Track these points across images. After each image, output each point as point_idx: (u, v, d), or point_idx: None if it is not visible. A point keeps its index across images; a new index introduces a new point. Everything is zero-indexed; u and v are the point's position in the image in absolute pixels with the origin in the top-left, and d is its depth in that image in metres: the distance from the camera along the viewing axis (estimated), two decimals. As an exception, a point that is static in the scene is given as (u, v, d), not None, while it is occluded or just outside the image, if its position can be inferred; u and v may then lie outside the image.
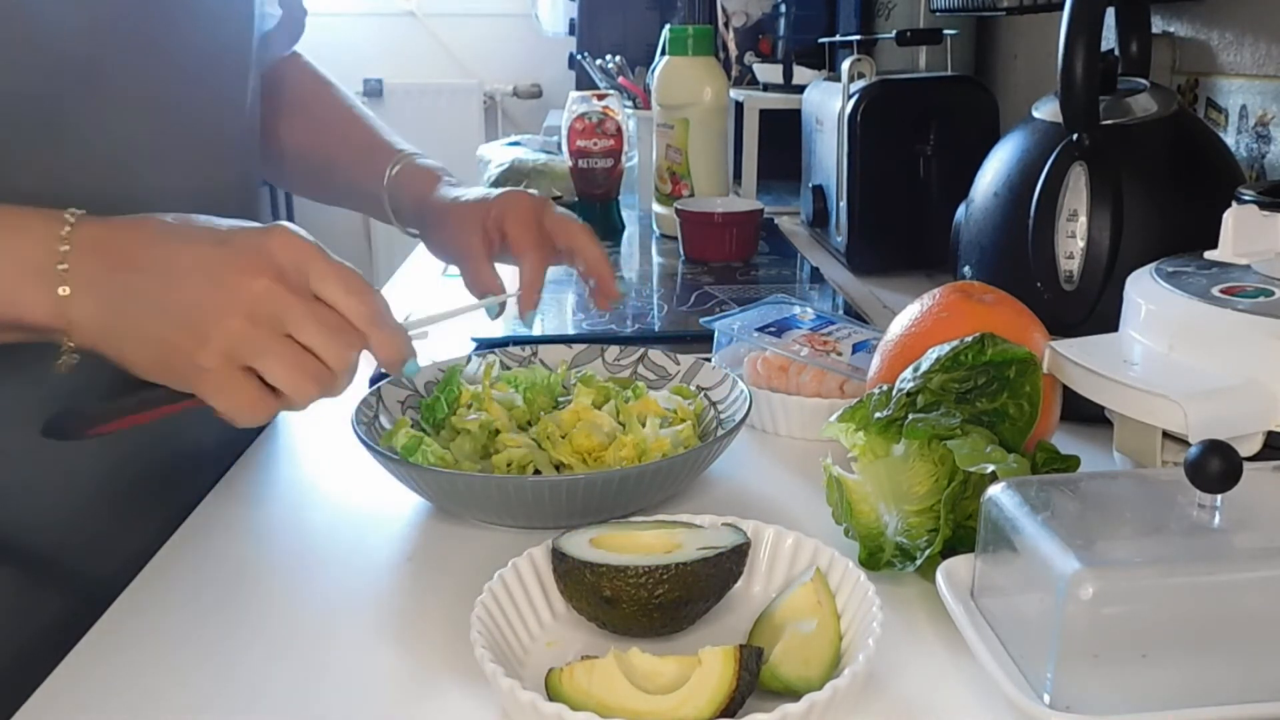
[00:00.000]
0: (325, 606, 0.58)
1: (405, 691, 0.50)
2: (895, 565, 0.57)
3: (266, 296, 0.53)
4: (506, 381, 0.76)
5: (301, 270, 0.54)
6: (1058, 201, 0.74)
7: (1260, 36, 0.92)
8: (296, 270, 0.54)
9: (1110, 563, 0.46)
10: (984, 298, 0.67)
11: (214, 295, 0.53)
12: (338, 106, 0.93)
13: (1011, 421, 0.59)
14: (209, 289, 0.53)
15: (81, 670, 0.52)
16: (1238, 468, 0.46)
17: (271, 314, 0.53)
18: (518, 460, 0.67)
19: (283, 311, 0.53)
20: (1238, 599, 0.45)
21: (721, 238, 1.31)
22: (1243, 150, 0.94)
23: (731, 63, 1.82)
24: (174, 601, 0.58)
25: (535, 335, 1.01)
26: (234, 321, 0.52)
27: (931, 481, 0.57)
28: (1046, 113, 0.81)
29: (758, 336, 0.81)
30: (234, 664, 0.53)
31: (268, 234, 0.55)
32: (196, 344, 0.52)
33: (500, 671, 0.45)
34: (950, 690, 0.49)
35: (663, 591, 0.50)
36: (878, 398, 0.60)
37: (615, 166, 1.48)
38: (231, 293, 0.53)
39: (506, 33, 3.60)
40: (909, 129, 1.19)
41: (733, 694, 0.44)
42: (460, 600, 0.54)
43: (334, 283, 0.55)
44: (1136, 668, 0.44)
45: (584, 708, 0.43)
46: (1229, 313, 0.58)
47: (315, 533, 0.67)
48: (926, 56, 1.38)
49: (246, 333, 0.53)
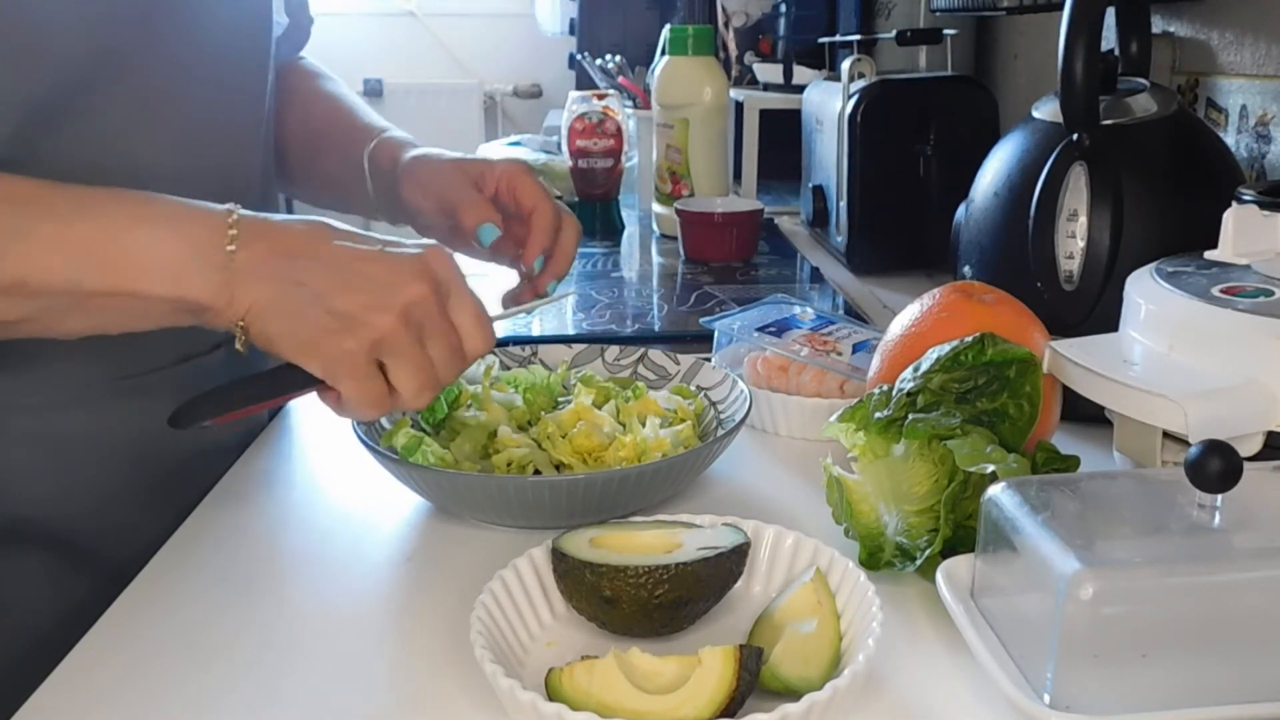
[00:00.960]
0: (325, 606, 0.58)
1: (405, 691, 0.50)
2: (895, 565, 0.57)
3: (421, 304, 0.57)
4: (506, 381, 0.76)
5: (445, 288, 0.59)
6: (1058, 201, 0.74)
7: (1260, 36, 0.92)
8: (443, 287, 0.59)
9: (1110, 563, 0.46)
10: (984, 298, 0.67)
11: (380, 292, 0.56)
12: (321, 96, 0.93)
13: (1011, 421, 0.59)
14: (375, 284, 0.57)
15: (83, 668, 0.52)
16: (1238, 468, 0.46)
17: (420, 321, 0.57)
18: (518, 460, 0.67)
19: (428, 321, 0.58)
20: (1238, 599, 0.45)
21: (721, 238, 1.31)
22: (1243, 150, 0.94)
23: (731, 63, 1.82)
24: (174, 602, 0.58)
25: (535, 335, 1.01)
26: (389, 318, 0.56)
27: (931, 481, 0.57)
28: (1046, 113, 0.81)
29: (758, 336, 0.81)
30: (234, 663, 0.53)
31: (428, 248, 0.59)
32: (348, 329, 0.56)
33: (500, 671, 0.45)
34: (950, 690, 0.49)
35: (663, 591, 0.50)
36: (878, 398, 0.60)
37: (615, 166, 1.48)
38: (395, 292, 0.57)
39: (506, 33, 3.60)
40: (909, 129, 1.19)
41: (733, 694, 0.44)
42: (460, 600, 0.54)
43: (468, 310, 0.59)
44: (1136, 668, 0.44)
45: (584, 708, 0.43)
46: (1229, 313, 0.58)
47: (315, 532, 0.67)
48: (926, 56, 1.38)
49: (396, 331, 0.56)
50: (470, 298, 0.60)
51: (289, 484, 0.74)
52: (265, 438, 0.80)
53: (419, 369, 0.58)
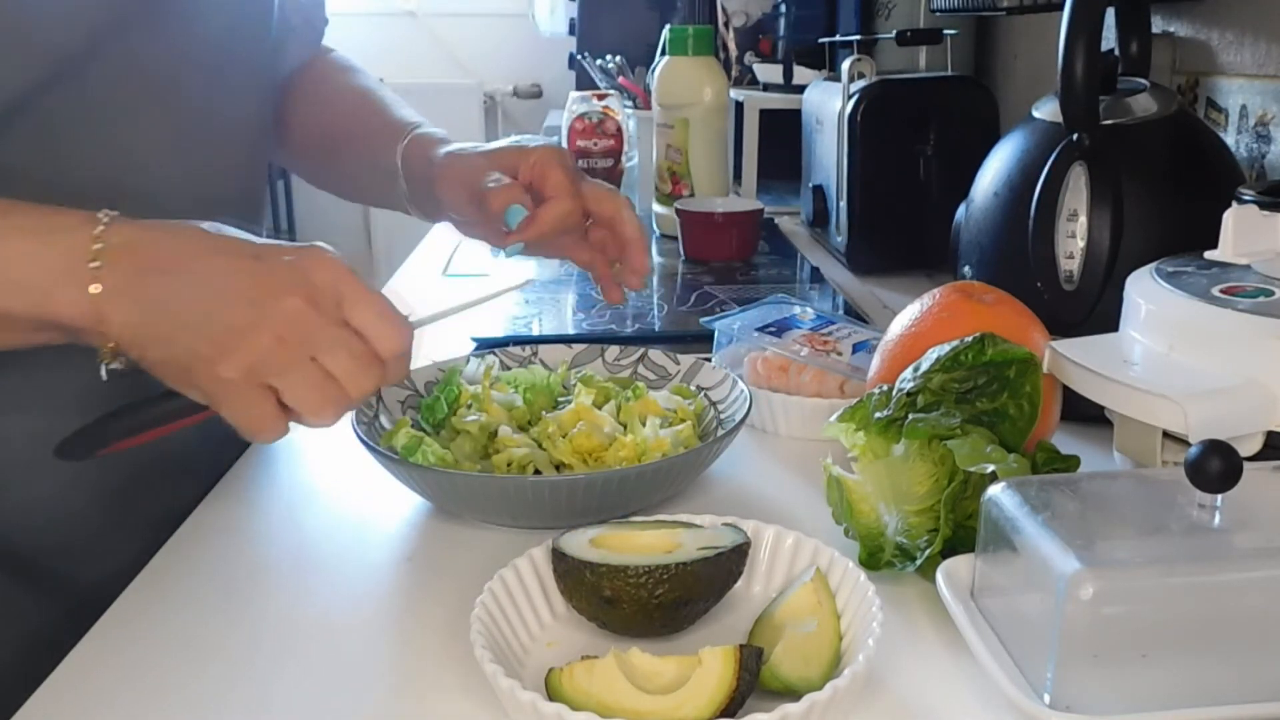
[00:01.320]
0: (325, 606, 0.58)
1: (405, 691, 0.50)
2: (895, 565, 0.57)
3: (297, 317, 0.52)
4: (506, 381, 0.76)
5: (335, 294, 0.54)
6: (1058, 201, 0.74)
7: (1260, 36, 0.92)
8: (330, 293, 0.54)
9: (1110, 563, 0.46)
10: (984, 298, 0.67)
11: (246, 310, 0.52)
12: (350, 89, 0.89)
13: (1011, 421, 0.59)
14: (242, 303, 0.52)
15: (82, 669, 0.52)
16: (1238, 468, 0.46)
17: (300, 335, 0.53)
18: (518, 460, 0.67)
19: (311, 334, 0.53)
20: (1238, 599, 0.45)
21: (721, 238, 1.31)
22: (1243, 150, 0.94)
23: (731, 63, 1.82)
24: (173, 602, 0.58)
25: (535, 335, 1.01)
26: (262, 338, 0.52)
27: (931, 481, 0.57)
28: (1046, 113, 0.81)
29: (758, 336, 0.81)
30: (234, 664, 0.53)
31: (304, 254, 0.54)
32: (221, 355, 0.52)
33: (500, 671, 0.45)
34: (950, 690, 0.49)
35: (663, 591, 0.50)
36: (878, 398, 0.60)
37: (615, 166, 1.48)
38: (263, 309, 0.52)
39: (506, 33, 3.60)
40: (909, 129, 1.19)
41: (733, 694, 0.44)
42: (460, 600, 0.54)
43: (366, 310, 0.54)
44: (1136, 668, 0.44)
45: (584, 708, 0.43)
46: (1229, 313, 0.58)
47: (315, 533, 0.67)
48: (926, 56, 1.38)
49: (272, 351, 0.52)
50: (369, 296, 0.55)
51: (288, 484, 0.74)
52: (265, 438, 0.80)
53: (313, 388, 0.53)
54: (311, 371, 0.53)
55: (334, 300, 0.54)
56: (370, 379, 0.55)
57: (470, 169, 0.75)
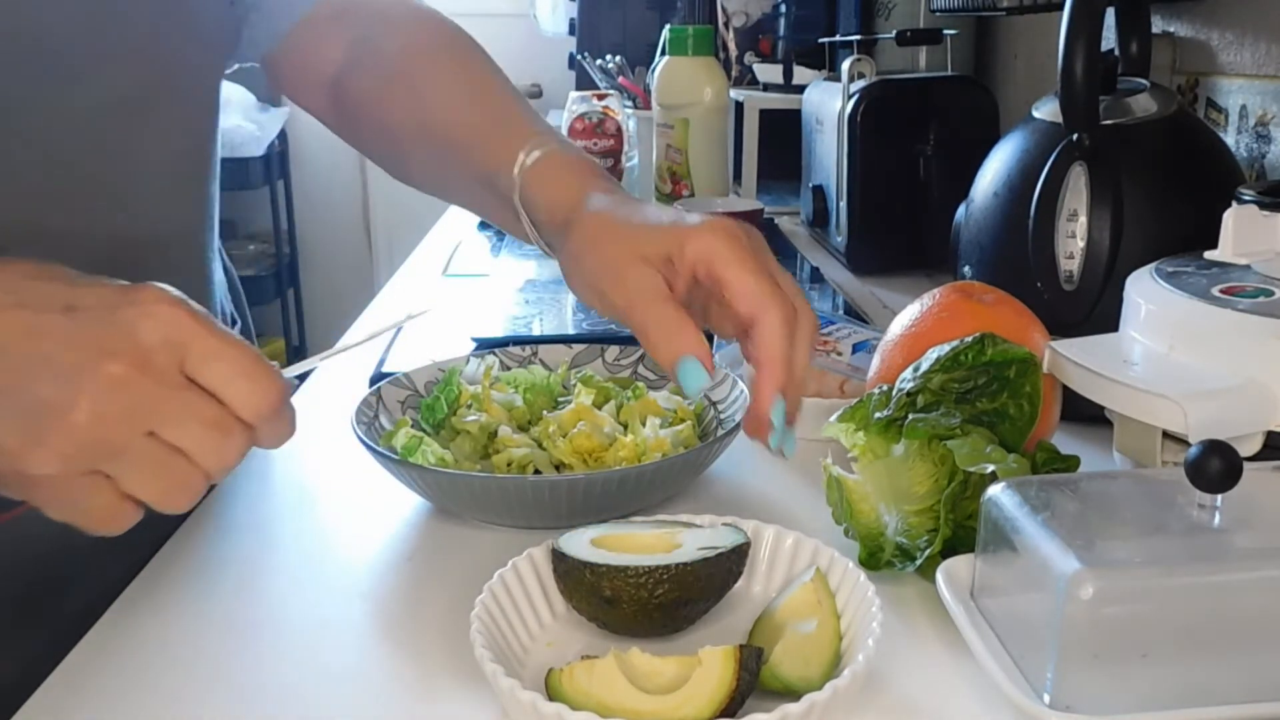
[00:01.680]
0: (325, 606, 0.58)
1: (405, 691, 0.50)
2: (895, 565, 0.57)
3: (121, 386, 0.42)
4: (506, 382, 0.76)
5: (175, 349, 0.43)
6: (1058, 201, 0.74)
7: (1260, 36, 0.92)
8: (168, 350, 0.43)
9: (1110, 563, 0.46)
10: (984, 298, 0.67)
11: (52, 383, 0.42)
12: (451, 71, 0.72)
13: (1011, 421, 0.59)
14: (48, 376, 0.42)
15: (81, 669, 0.52)
16: (1238, 468, 0.46)
17: (128, 408, 0.42)
18: (518, 460, 0.67)
19: (143, 405, 0.43)
20: (1238, 599, 0.45)
21: (721, 238, 1.31)
22: (1243, 150, 0.94)
23: (731, 63, 1.82)
24: (173, 602, 0.58)
25: (535, 335, 1.01)
26: (77, 417, 0.42)
27: (931, 481, 0.57)
28: (1046, 113, 0.81)
29: (758, 336, 0.81)
30: (234, 664, 0.53)
31: (132, 303, 0.43)
32: (28, 445, 0.42)
33: (500, 671, 0.45)
34: (950, 690, 0.49)
35: (663, 591, 0.50)
36: (878, 398, 0.60)
37: (615, 166, 1.48)
38: (75, 380, 0.42)
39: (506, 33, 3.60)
40: (909, 129, 1.19)
41: (733, 694, 0.44)
42: (460, 600, 0.54)
43: (217, 366, 0.44)
44: (1136, 668, 0.44)
45: (584, 708, 0.43)
46: (1229, 313, 0.58)
47: (315, 533, 0.67)
48: (926, 56, 1.38)
49: (93, 432, 0.42)
50: (219, 346, 0.44)
51: (288, 484, 0.73)
52: (265, 438, 0.80)
53: (155, 471, 0.44)
54: (149, 452, 0.43)
55: (173, 357, 0.43)
56: (232, 449, 0.45)
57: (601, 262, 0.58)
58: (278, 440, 0.47)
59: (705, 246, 0.55)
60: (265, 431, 0.46)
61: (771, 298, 0.54)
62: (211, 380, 0.44)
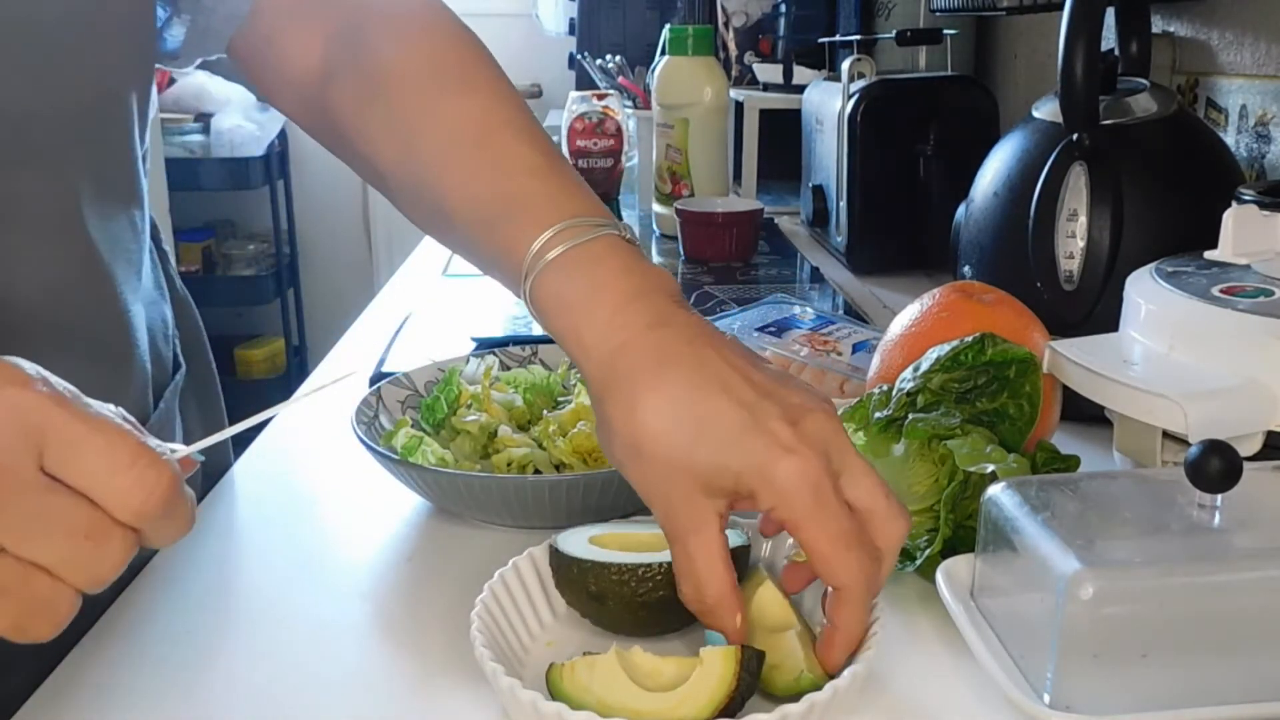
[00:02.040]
0: (325, 606, 0.58)
1: (405, 691, 0.50)
2: (895, 565, 0.57)
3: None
4: (506, 382, 0.76)
5: (30, 443, 0.35)
6: (1058, 201, 0.74)
7: (1260, 36, 0.92)
8: (22, 444, 0.35)
9: (1110, 563, 0.46)
10: (984, 298, 0.67)
11: None
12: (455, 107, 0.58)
13: (1011, 421, 0.59)
14: None
15: (81, 669, 0.52)
16: (1238, 468, 0.46)
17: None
18: (518, 460, 0.67)
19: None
20: (1238, 599, 0.45)
21: (721, 238, 1.31)
22: (1243, 150, 0.94)
23: (731, 63, 1.82)
24: (172, 602, 0.58)
25: (535, 335, 1.01)
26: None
27: (931, 481, 0.57)
28: (1046, 113, 0.81)
29: (758, 336, 0.81)
30: (232, 664, 0.53)
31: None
32: None
33: (500, 670, 0.45)
34: (950, 690, 0.49)
35: (647, 590, 0.50)
36: (878, 398, 0.60)
37: (615, 166, 1.48)
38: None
39: (506, 33, 3.60)
40: (909, 129, 1.19)
41: (732, 694, 0.44)
42: (460, 600, 0.54)
43: (86, 459, 0.35)
44: (1136, 668, 0.44)
45: (584, 704, 0.43)
46: (1229, 313, 0.58)
47: (315, 533, 0.67)
48: (926, 56, 1.38)
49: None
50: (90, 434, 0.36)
51: (288, 484, 0.73)
52: (265, 437, 0.80)
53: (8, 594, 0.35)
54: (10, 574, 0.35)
55: (28, 453, 0.35)
56: (108, 559, 0.36)
57: (647, 472, 0.46)
58: (170, 538, 0.38)
59: (783, 498, 0.44)
60: (151, 531, 0.37)
61: (855, 568, 0.45)
62: (79, 478, 0.36)
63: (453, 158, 0.56)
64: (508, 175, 0.54)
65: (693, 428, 0.45)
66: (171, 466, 0.37)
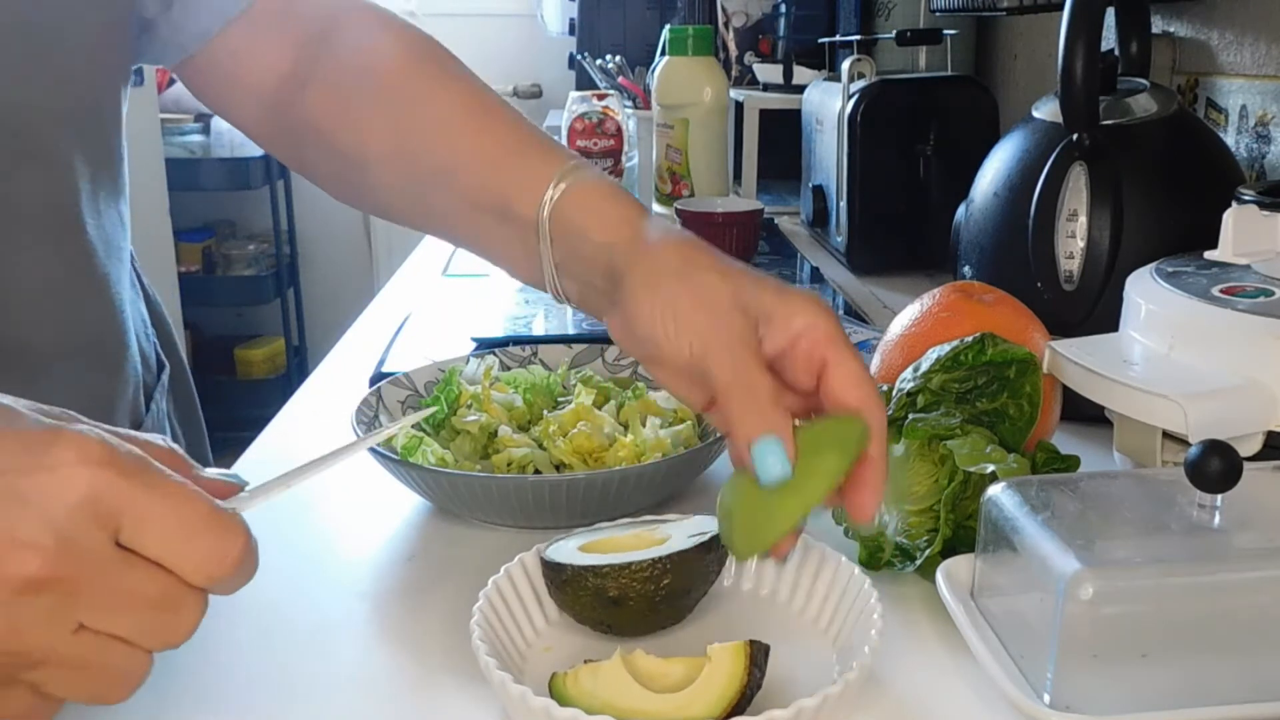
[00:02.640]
0: (325, 606, 0.58)
1: (405, 691, 0.50)
2: (895, 565, 0.57)
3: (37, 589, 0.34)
4: (506, 382, 0.76)
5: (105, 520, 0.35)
6: (1058, 201, 0.74)
7: (1260, 36, 0.92)
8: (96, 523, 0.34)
9: (1110, 563, 0.46)
10: (984, 298, 0.67)
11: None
12: (441, 83, 0.61)
13: (1011, 421, 0.59)
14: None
15: (82, 670, 0.52)
16: (1238, 468, 0.46)
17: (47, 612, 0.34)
18: (518, 460, 0.67)
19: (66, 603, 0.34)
20: (1238, 599, 0.45)
21: (721, 238, 1.31)
22: (1243, 150, 0.94)
23: (731, 63, 1.82)
24: (174, 601, 0.58)
25: (535, 335, 1.01)
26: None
27: (931, 481, 0.57)
28: (1046, 113, 0.81)
29: (758, 336, 0.81)
30: (233, 663, 0.53)
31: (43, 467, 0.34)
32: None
33: (509, 678, 0.44)
34: (950, 690, 0.49)
35: (668, 581, 0.50)
36: (878, 398, 0.60)
37: (615, 166, 1.48)
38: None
39: (507, 33, 3.60)
40: (909, 129, 1.19)
41: (743, 689, 0.44)
42: (460, 600, 0.54)
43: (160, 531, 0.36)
44: (1136, 668, 0.44)
45: (593, 711, 0.42)
46: (1229, 313, 0.58)
47: (315, 532, 0.67)
48: (926, 56, 1.38)
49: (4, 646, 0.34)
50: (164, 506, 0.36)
51: (289, 484, 0.73)
52: (265, 437, 0.80)
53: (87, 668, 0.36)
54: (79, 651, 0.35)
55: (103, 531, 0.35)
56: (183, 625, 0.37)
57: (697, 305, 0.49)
58: (237, 589, 0.39)
59: (815, 320, 0.48)
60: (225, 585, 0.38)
61: (877, 393, 0.48)
62: (155, 550, 0.36)
63: (457, 120, 0.58)
64: (514, 130, 0.58)
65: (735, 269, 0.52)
66: (242, 527, 0.38)
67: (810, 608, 0.54)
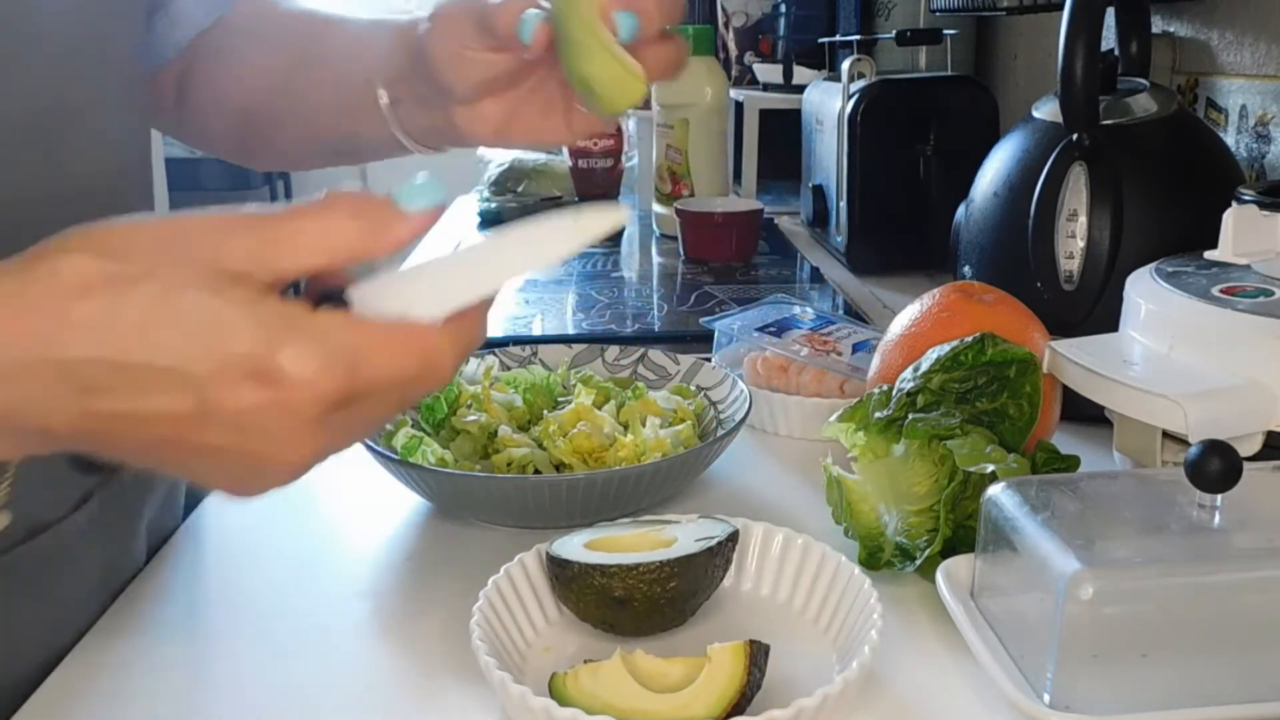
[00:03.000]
0: (325, 607, 0.58)
1: (406, 691, 0.50)
2: (895, 565, 0.57)
3: (340, 407, 0.37)
4: (506, 382, 0.76)
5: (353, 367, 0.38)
6: (1058, 201, 0.74)
7: (1260, 36, 0.92)
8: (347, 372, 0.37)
9: (1110, 563, 0.46)
10: (984, 298, 0.67)
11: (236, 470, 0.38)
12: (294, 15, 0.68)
13: (1011, 421, 0.59)
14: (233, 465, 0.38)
15: (81, 668, 0.52)
16: (1238, 468, 0.46)
17: (345, 422, 0.39)
18: (518, 460, 0.67)
19: (343, 434, 0.40)
20: (1238, 599, 0.45)
21: (721, 238, 1.31)
22: (1243, 150, 0.94)
23: (731, 63, 1.82)
24: (172, 602, 0.58)
25: (535, 335, 1.01)
26: (301, 452, 0.38)
27: (931, 481, 0.57)
28: (1046, 113, 0.81)
29: (758, 336, 0.81)
30: (234, 663, 0.53)
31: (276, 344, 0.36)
32: (249, 480, 0.40)
33: (509, 678, 0.44)
34: (950, 690, 0.49)
35: (675, 584, 0.50)
36: (878, 398, 0.60)
37: (615, 166, 1.49)
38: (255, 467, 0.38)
39: (506, 33, 3.60)
40: (909, 129, 1.19)
41: (743, 689, 0.44)
42: (460, 600, 0.54)
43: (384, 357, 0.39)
44: (1136, 668, 0.44)
45: (593, 711, 0.42)
46: (1229, 313, 0.58)
47: (315, 532, 0.67)
48: (926, 56, 1.38)
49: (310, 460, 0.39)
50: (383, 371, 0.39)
51: (289, 484, 0.73)
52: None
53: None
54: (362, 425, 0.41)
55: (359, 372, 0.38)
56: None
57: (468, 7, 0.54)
58: None
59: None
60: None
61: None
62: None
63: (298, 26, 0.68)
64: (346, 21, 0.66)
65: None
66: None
67: (810, 608, 0.54)
